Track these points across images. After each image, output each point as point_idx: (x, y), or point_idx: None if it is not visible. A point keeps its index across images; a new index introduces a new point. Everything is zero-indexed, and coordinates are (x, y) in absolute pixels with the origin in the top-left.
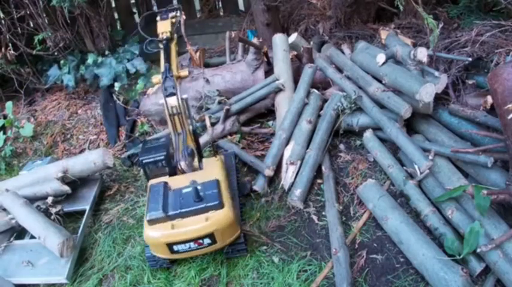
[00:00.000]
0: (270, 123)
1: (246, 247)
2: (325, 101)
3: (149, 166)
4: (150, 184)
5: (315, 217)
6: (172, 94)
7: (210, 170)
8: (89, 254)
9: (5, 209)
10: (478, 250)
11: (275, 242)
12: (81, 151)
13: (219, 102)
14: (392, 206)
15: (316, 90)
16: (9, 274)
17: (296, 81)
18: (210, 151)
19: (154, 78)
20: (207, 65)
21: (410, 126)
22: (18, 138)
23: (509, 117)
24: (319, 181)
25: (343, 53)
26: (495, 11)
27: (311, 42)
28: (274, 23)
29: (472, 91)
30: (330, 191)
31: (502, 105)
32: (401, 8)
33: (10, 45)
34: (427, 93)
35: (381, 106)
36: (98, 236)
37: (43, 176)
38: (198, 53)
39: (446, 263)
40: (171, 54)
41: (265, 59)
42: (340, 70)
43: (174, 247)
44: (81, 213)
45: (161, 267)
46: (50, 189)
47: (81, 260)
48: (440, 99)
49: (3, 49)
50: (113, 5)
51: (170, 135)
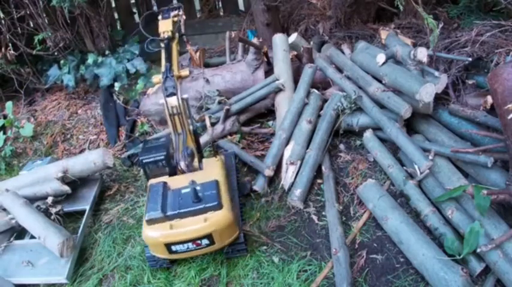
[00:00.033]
0: (270, 123)
1: (246, 247)
2: (325, 101)
3: (149, 166)
4: (149, 184)
5: (315, 217)
6: (172, 94)
7: (210, 171)
8: (89, 254)
9: (5, 209)
10: (478, 250)
11: (275, 242)
12: (81, 151)
13: (219, 102)
14: (392, 206)
15: (316, 90)
16: (9, 274)
17: (296, 81)
18: (210, 151)
19: (155, 78)
20: (207, 65)
21: (410, 126)
22: (18, 138)
23: (509, 117)
24: (319, 181)
25: (343, 53)
26: (495, 11)
27: (311, 42)
28: (274, 23)
29: (472, 91)
30: (330, 191)
31: (502, 105)
32: (401, 8)
33: (10, 45)
34: (427, 93)
35: (381, 106)
36: (98, 236)
37: (43, 176)
38: (198, 53)
39: (446, 263)
40: (172, 54)
41: (265, 59)
42: (340, 70)
43: (173, 247)
44: (81, 213)
45: (161, 267)
46: (50, 189)
47: (81, 260)
48: (440, 99)
49: (3, 49)
50: (113, 5)
51: (170, 135)
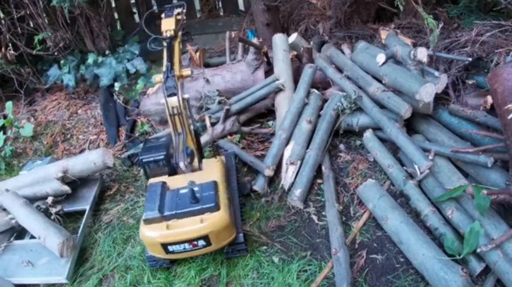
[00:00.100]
0: (270, 123)
1: (246, 247)
2: (325, 101)
3: (149, 165)
4: (148, 184)
5: (315, 217)
6: (173, 94)
7: (209, 171)
8: (89, 254)
9: (5, 209)
10: (478, 250)
11: (275, 242)
12: (81, 151)
13: (219, 102)
14: (392, 206)
15: (316, 90)
16: (9, 274)
17: (296, 81)
18: (210, 151)
19: (156, 77)
20: (207, 65)
21: (410, 126)
22: (18, 138)
23: (509, 117)
24: (319, 181)
25: (343, 53)
26: (495, 11)
27: (311, 42)
28: (274, 23)
29: (472, 91)
30: (330, 191)
31: (502, 105)
32: (401, 8)
33: (10, 45)
34: (427, 93)
35: (381, 106)
36: (98, 236)
37: (43, 176)
38: (198, 53)
39: (446, 263)
40: (174, 53)
41: (265, 59)
42: (340, 70)
43: (169, 248)
44: (81, 213)
45: (161, 267)
46: (50, 189)
47: (81, 260)
48: (440, 99)
49: (3, 49)
50: (113, 5)
51: (171, 135)
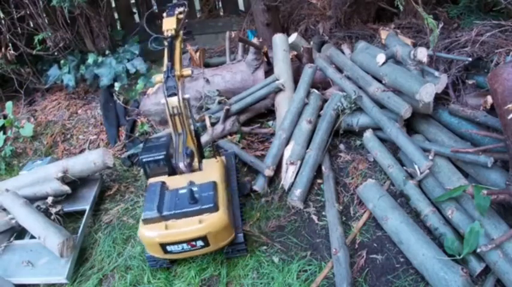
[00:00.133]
0: (270, 123)
1: (246, 247)
2: (325, 101)
3: (149, 165)
4: (148, 183)
5: (315, 217)
6: (173, 94)
7: (209, 172)
8: (89, 254)
9: (5, 209)
10: (478, 250)
11: (275, 242)
12: (81, 151)
13: (219, 102)
14: (392, 206)
15: (316, 90)
16: (9, 274)
17: (296, 81)
18: (210, 151)
19: (156, 77)
20: (207, 65)
21: (410, 126)
22: (18, 138)
23: (509, 117)
24: (319, 181)
25: (343, 53)
26: (495, 11)
27: (311, 42)
28: (274, 23)
29: (472, 91)
30: (330, 191)
31: (502, 105)
32: (401, 8)
33: (10, 45)
34: (427, 93)
35: (381, 106)
36: (98, 236)
37: (43, 176)
38: (198, 53)
39: (446, 263)
40: (175, 53)
41: (265, 59)
42: (340, 70)
43: (167, 248)
44: (81, 213)
45: (161, 267)
46: (50, 189)
47: (81, 260)
48: (440, 99)
49: (3, 49)
50: (113, 5)
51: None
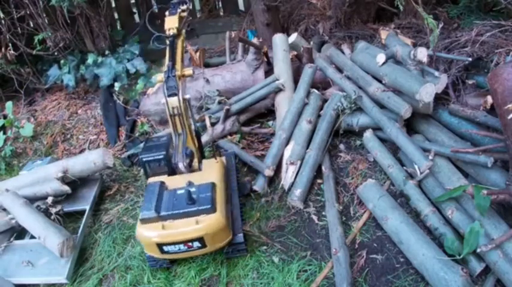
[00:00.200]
0: (270, 123)
1: (246, 247)
2: (325, 101)
3: (149, 164)
4: (147, 183)
5: (315, 217)
6: (174, 94)
7: (208, 173)
8: (89, 254)
9: (5, 209)
10: (478, 250)
11: (275, 242)
12: (81, 151)
13: (219, 102)
14: (392, 206)
15: (316, 90)
16: (9, 274)
17: (296, 81)
18: (210, 151)
19: (158, 76)
20: (207, 65)
21: (410, 126)
22: (18, 138)
23: (509, 117)
24: (319, 181)
25: (343, 53)
26: (495, 11)
27: (311, 42)
28: (274, 23)
29: (472, 91)
30: (330, 191)
31: (502, 105)
32: (401, 8)
33: (10, 45)
34: (427, 93)
35: (381, 106)
36: (98, 236)
37: (43, 176)
38: (198, 53)
39: (446, 263)
40: (177, 52)
41: (265, 59)
42: (340, 70)
43: (164, 248)
44: (81, 213)
45: (161, 267)
46: (50, 189)
47: (81, 260)
48: (440, 99)
49: (3, 49)
50: (113, 5)
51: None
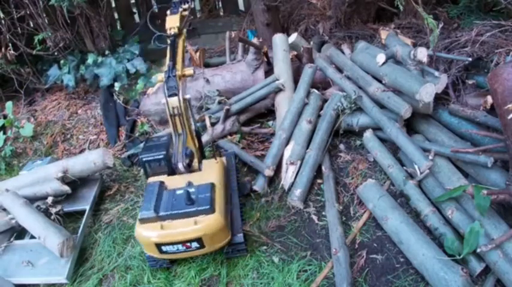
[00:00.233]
0: (270, 123)
1: (246, 247)
2: (325, 101)
3: (149, 164)
4: (147, 183)
5: (315, 217)
6: (174, 94)
7: (208, 173)
8: (89, 254)
9: (5, 209)
10: (478, 250)
11: (275, 242)
12: (81, 151)
13: (219, 102)
14: (392, 206)
15: (316, 90)
16: (9, 274)
17: (296, 81)
18: (210, 151)
19: (158, 76)
20: (207, 65)
21: (410, 126)
22: (18, 138)
23: (509, 117)
24: (319, 181)
25: (343, 53)
26: (495, 11)
27: (311, 42)
28: (274, 23)
29: (472, 91)
30: (330, 191)
31: (502, 105)
32: (401, 8)
33: (10, 45)
34: (427, 93)
35: (381, 106)
36: (98, 236)
37: (43, 176)
38: (198, 53)
39: (446, 263)
40: (178, 52)
41: (265, 59)
42: (340, 70)
43: (163, 248)
44: (81, 213)
45: (161, 267)
46: (50, 189)
47: (81, 260)
48: (440, 99)
49: (3, 49)
50: (113, 5)
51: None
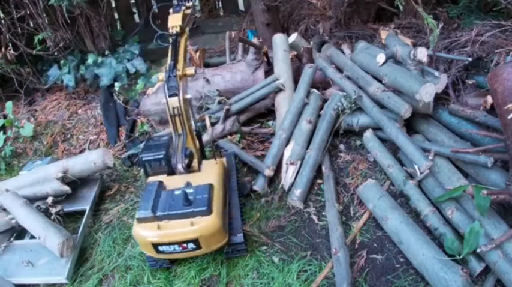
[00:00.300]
0: (270, 123)
1: (246, 247)
2: (325, 101)
3: (149, 164)
4: (146, 182)
5: (315, 217)
6: (174, 95)
7: (207, 174)
8: (89, 254)
9: (5, 209)
10: (478, 250)
11: (275, 242)
12: (81, 151)
13: (219, 102)
14: (392, 206)
15: (316, 90)
16: (9, 274)
17: (296, 81)
18: (210, 151)
19: (159, 76)
20: (207, 65)
21: (410, 126)
22: (18, 138)
23: (509, 117)
24: (319, 181)
25: (343, 53)
26: (495, 11)
27: (311, 42)
28: (274, 23)
29: (472, 91)
30: (330, 191)
31: (502, 105)
32: (401, 8)
33: (10, 45)
34: (427, 93)
35: (381, 106)
36: (98, 236)
37: (43, 176)
38: (198, 53)
39: (446, 263)
40: (179, 51)
41: (265, 59)
42: (340, 70)
43: (160, 248)
44: (81, 213)
45: (161, 267)
46: (50, 189)
47: (81, 260)
48: (440, 99)
49: (3, 49)
50: (113, 5)
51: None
